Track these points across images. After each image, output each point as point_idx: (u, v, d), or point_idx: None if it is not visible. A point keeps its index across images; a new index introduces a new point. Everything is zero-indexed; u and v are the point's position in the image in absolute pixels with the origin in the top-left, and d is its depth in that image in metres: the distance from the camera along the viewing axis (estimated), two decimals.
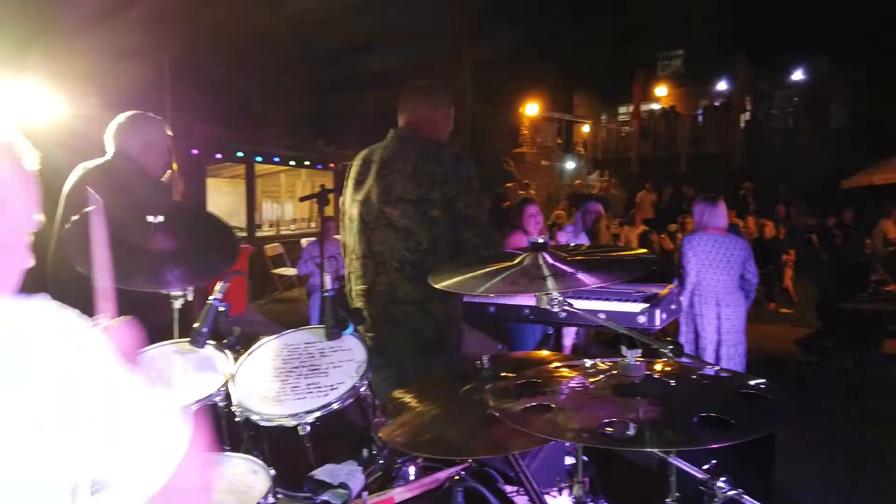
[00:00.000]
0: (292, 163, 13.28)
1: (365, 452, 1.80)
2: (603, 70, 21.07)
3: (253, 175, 12.53)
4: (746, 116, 18.95)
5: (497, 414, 1.46)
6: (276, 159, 12.88)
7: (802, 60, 19.26)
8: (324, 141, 13.73)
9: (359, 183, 2.60)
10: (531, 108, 19.02)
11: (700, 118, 19.91)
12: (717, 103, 21.07)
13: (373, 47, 12.30)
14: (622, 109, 23.43)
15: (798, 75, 19.78)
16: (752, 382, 1.48)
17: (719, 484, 1.40)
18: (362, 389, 1.81)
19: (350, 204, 2.62)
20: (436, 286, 1.76)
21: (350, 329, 2.02)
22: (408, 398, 1.85)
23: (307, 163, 13.50)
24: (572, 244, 4.67)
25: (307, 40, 11.46)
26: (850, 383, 5.55)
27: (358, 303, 2.58)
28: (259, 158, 12.40)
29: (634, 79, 19.54)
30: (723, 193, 4.59)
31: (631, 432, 1.27)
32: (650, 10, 20.27)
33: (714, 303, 4.14)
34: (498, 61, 17.55)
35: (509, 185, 14.89)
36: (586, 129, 21.79)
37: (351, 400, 1.78)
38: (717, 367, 1.64)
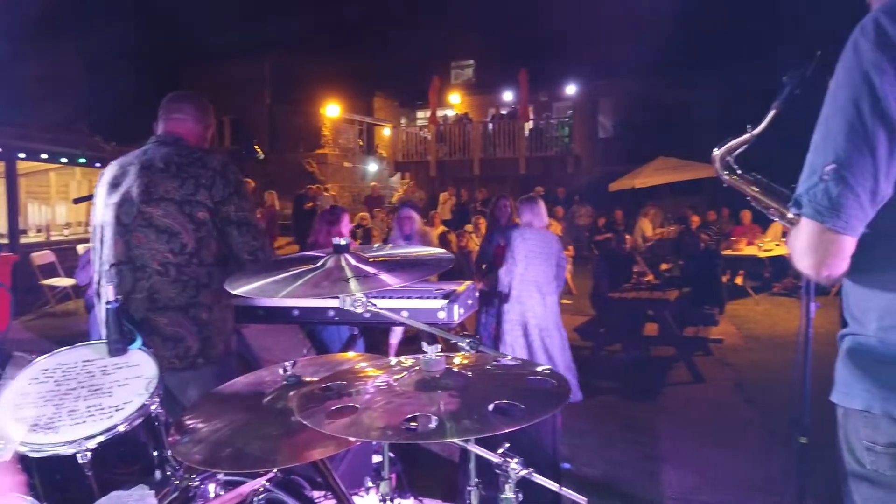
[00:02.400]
0: (64, 160, 11.82)
1: (158, 474, 1.67)
2: (401, 76, 21.64)
3: (14, 173, 10.96)
4: (530, 125, 20.58)
5: (302, 420, 1.44)
6: (44, 156, 11.39)
7: (575, 76, 21.36)
8: (103, 137, 12.46)
9: (114, 186, 2.39)
10: (332, 110, 18.92)
11: (490, 125, 21.23)
12: (504, 112, 22.61)
13: (164, 42, 11.45)
14: (420, 114, 24.23)
15: (571, 89, 21.90)
16: (538, 369, 1.62)
17: (513, 465, 1.50)
18: (153, 407, 1.68)
19: (103, 211, 2.40)
20: (234, 292, 1.68)
21: (138, 343, 1.86)
22: (206, 413, 1.75)
23: (82, 160, 12.11)
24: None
25: (85, 23, 10.32)
26: (619, 364, 6.29)
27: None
28: (22, 155, 10.88)
29: (430, 85, 20.30)
30: (511, 196, 4.99)
31: (433, 425, 1.33)
32: (443, 20, 21.17)
33: (538, 291, 4.50)
34: (298, 62, 17.23)
35: (312, 186, 14.68)
36: (387, 132, 22.20)
37: (140, 420, 1.64)
38: (509, 357, 1.76)
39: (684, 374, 5.75)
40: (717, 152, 1.48)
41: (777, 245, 10.22)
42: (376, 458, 1.86)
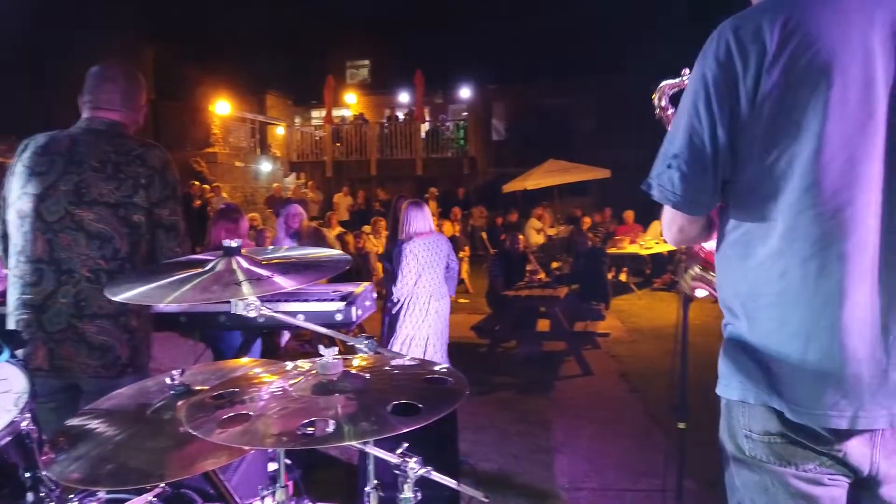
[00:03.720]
0: None
1: (31, 496, 1.55)
2: (295, 74, 21.21)
3: None
4: (426, 127, 20.75)
5: (191, 430, 1.38)
6: None
7: (469, 79, 21.79)
8: None
9: (36, 174, 2.18)
10: (222, 107, 18.21)
11: (386, 126, 21.22)
12: (400, 113, 22.66)
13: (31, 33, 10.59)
14: (315, 114, 23.83)
15: (466, 92, 22.30)
16: (436, 368, 1.65)
17: (411, 465, 1.52)
18: (24, 424, 1.56)
19: (19, 196, 2.18)
20: (114, 298, 1.59)
21: (5, 355, 1.72)
22: (84, 428, 1.64)
23: None
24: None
25: None
26: (514, 360, 6.48)
27: (21, 314, 2.18)
28: None
29: (325, 85, 20.00)
30: (409, 197, 4.97)
31: (330, 429, 1.31)
32: (338, 19, 20.94)
33: (430, 299, 4.45)
34: (183, 55, 16.45)
35: (195, 183, 14.06)
36: (280, 131, 21.65)
37: (9, 438, 1.51)
38: (408, 357, 1.77)
39: (574, 368, 6.00)
40: (662, 84, 1.71)
41: (657, 243, 10.88)
42: (272, 466, 1.82)
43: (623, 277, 10.72)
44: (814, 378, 1.21)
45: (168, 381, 1.74)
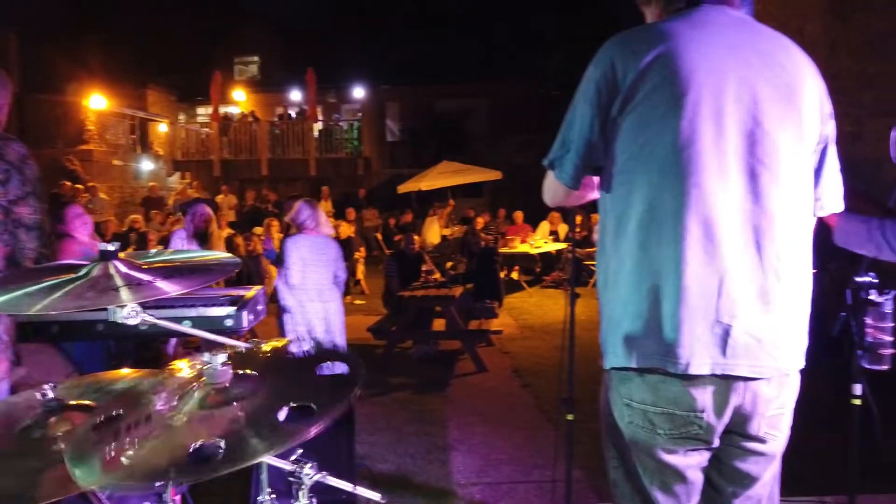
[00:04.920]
0: None
1: None
2: (179, 68, 20.22)
3: None
4: (319, 126, 20.41)
5: (72, 452, 1.29)
6: None
7: (362, 79, 21.67)
8: None
9: None
10: (97, 102, 17.02)
11: (278, 125, 20.68)
12: (292, 112, 22.15)
13: None
14: (201, 110, 22.82)
15: (360, 92, 22.16)
16: (328, 356, 1.63)
17: (306, 471, 1.50)
18: None
19: None
20: None
21: None
22: None
23: None
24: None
25: None
26: (410, 360, 6.51)
27: None
28: None
29: (212, 80, 19.20)
30: (302, 197, 4.88)
31: (221, 453, 1.24)
32: (224, 12, 20.19)
33: (318, 299, 4.38)
34: (53, 44, 15.26)
35: (67, 183, 13.11)
36: (163, 128, 20.55)
37: None
38: (304, 348, 1.72)
39: (469, 366, 6.11)
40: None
41: (545, 242, 11.29)
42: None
43: (515, 276, 11.04)
44: (672, 333, 1.36)
45: (38, 396, 1.61)
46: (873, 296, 2.12)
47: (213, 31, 20.39)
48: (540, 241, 11.29)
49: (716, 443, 1.43)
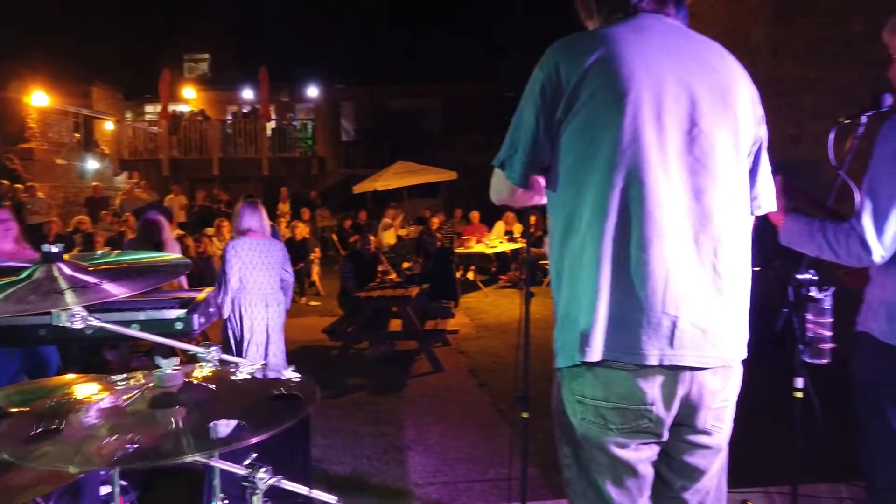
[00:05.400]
0: None
1: None
2: (125, 65, 19.67)
3: None
4: (272, 125, 20.11)
5: (10, 458, 1.25)
6: None
7: (316, 78, 21.45)
8: None
9: None
10: (39, 98, 16.41)
11: (230, 123, 20.30)
12: (245, 110, 21.77)
13: None
14: (149, 108, 22.23)
15: (314, 91, 21.93)
16: (285, 376, 1.61)
17: (260, 475, 1.47)
18: None
19: None
20: None
21: None
22: None
23: None
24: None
25: None
26: (366, 361, 6.47)
27: None
28: None
29: (161, 78, 18.71)
30: (255, 197, 4.77)
31: (168, 445, 1.24)
32: (175, 9, 19.74)
33: (262, 304, 4.26)
34: None
35: (5, 182, 12.63)
36: (109, 126, 19.95)
37: None
38: (258, 364, 1.71)
39: (426, 366, 6.11)
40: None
41: (501, 242, 11.38)
42: (105, 490, 1.69)
43: (471, 276, 11.09)
44: (623, 326, 1.40)
45: None
46: (813, 292, 2.20)
47: (162, 27, 19.89)
48: (495, 241, 11.37)
49: (665, 436, 1.47)
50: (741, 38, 7.13)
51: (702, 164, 1.43)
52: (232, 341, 4.28)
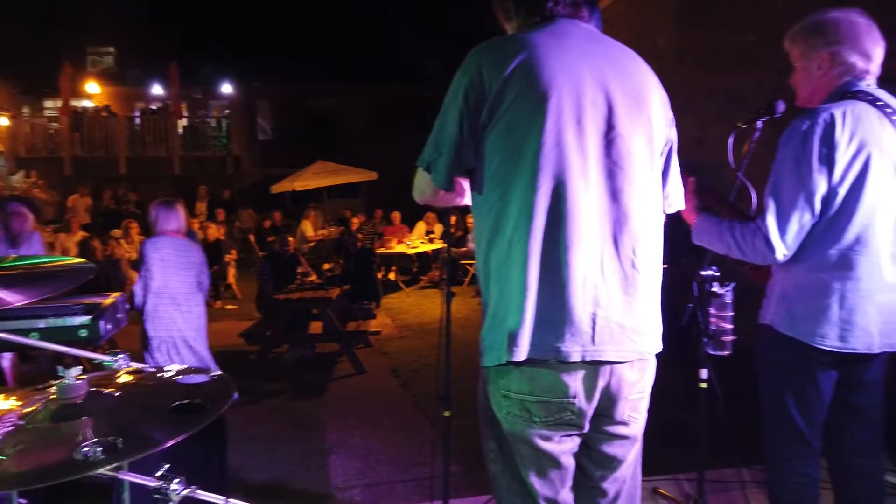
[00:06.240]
0: None
1: None
2: (21, 58, 18.45)
3: None
4: (184, 123, 19.37)
5: None
6: None
7: (231, 75, 20.83)
8: None
9: None
10: None
11: (138, 120, 19.41)
12: (154, 107, 20.87)
13: None
14: (49, 104, 20.94)
15: (228, 88, 21.28)
16: (198, 377, 1.56)
17: (173, 486, 1.42)
18: None
19: None
20: None
21: None
22: None
23: None
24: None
25: None
26: (286, 364, 6.34)
27: None
28: None
29: (61, 72, 17.64)
30: (166, 197, 4.59)
31: (78, 456, 1.18)
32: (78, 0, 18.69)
33: (178, 305, 4.12)
34: None
35: None
36: (4, 121, 18.65)
37: None
38: (171, 368, 1.64)
39: (348, 367, 6.05)
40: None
41: (422, 242, 11.41)
42: None
43: (392, 276, 11.06)
44: (548, 325, 1.44)
45: None
46: (716, 288, 2.33)
47: (63, 19, 18.78)
48: (416, 242, 11.39)
49: (586, 427, 1.52)
50: (649, 44, 7.44)
51: (619, 166, 1.49)
52: (153, 343, 4.11)
